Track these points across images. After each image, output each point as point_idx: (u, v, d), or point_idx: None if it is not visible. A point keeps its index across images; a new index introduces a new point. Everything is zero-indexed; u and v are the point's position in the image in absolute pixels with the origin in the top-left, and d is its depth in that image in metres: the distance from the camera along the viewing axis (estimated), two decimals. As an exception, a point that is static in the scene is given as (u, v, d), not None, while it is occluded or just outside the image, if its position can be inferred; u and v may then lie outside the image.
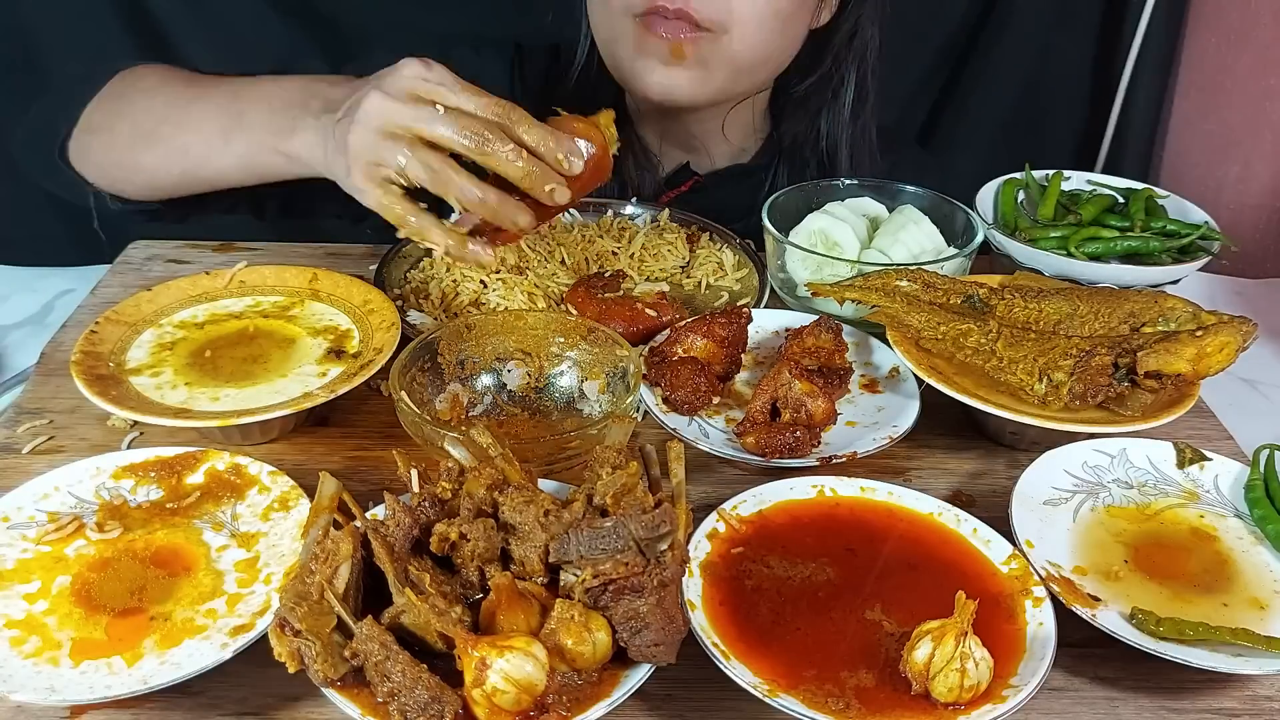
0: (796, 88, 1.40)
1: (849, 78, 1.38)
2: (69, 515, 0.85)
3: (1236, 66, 1.87)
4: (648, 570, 0.74)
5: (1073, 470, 0.94)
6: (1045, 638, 0.76)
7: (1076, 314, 1.05)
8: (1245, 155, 1.87)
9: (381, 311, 1.08)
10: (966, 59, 2.06)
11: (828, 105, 1.39)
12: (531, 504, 0.77)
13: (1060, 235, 1.21)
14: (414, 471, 0.81)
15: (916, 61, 2.07)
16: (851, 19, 1.35)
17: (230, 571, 0.82)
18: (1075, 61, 2.06)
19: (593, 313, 1.11)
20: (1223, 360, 0.96)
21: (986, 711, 0.71)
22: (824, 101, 1.39)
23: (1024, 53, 2.03)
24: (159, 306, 1.09)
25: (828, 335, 1.05)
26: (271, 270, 1.16)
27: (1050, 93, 2.08)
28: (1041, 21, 2.00)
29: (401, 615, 0.72)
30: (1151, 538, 0.89)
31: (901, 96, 2.09)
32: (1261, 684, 0.81)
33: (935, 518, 0.87)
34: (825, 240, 1.20)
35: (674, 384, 1.00)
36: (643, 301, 1.13)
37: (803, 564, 0.83)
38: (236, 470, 0.91)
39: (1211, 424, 1.09)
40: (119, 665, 0.74)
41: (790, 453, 0.94)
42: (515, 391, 1.05)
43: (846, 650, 0.76)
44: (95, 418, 1.02)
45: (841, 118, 1.39)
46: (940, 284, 1.09)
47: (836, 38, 1.36)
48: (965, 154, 2.08)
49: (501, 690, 0.67)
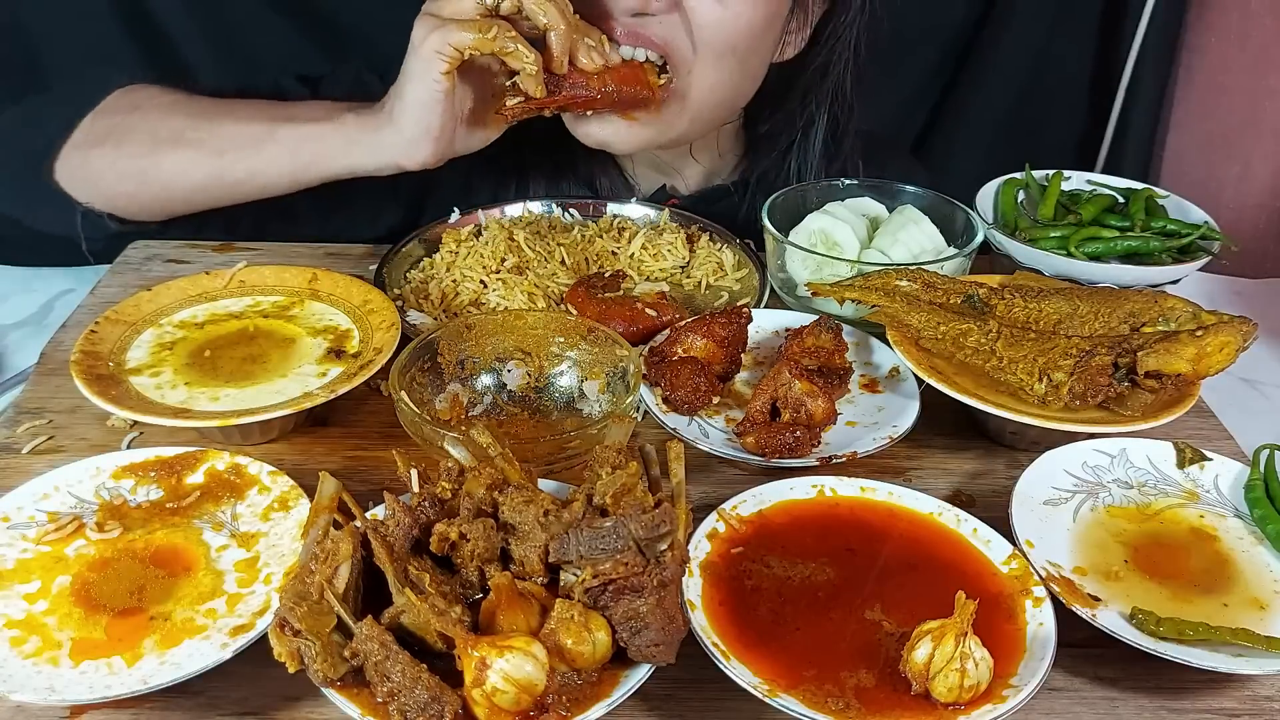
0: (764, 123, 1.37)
1: (819, 117, 1.35)
2: (69, 515, 0.85)
3: (1236, 66, 1.87)
4: (648, 570, 0.74)
5: (1073, 470, 0.94)
6: (1045, 638, 0.76)
7: (1076, 314, 1.05)
8: (1245, 155, 1.87)
9: (381, 311, 1.08)
10: (967, 59, 2.06)
11: (797, 144, 1.36)
12: (531, 504, 0.77)
13: (1060, 235, 1.21)
14: (414, 471, 0.81)
15: (917, 62, 2.06)
16: (822, 56, 1.32)
17: (230, 571, 0.82)
18: (1075, 61, 2.06)
19: (593, 313, 1.11)
20: (1223, 360, 0.96)
21: (986, 711, 0.71)
22: (793, 138, 1.36)
23: (1024, 53, 2.03)
24: (159, 306, 1.09)
25: (828, 335, 1.05)
26: (271, 270, 1.16)
27: (1050, 93, 2.08)
28: (1041, 22, 2.00)
29: (401, 615, 0.72)
30: (1151, 538, 0.89)
31: (902, 97, 2.09)
32: (1261, 684, 0.81)
33: (935, 518, 0.87)
34: (825, 240, 1.20)
35: (674, 384, 1.00)
36: (643, 301, 1.13)
37: (802, 564, 0.83)
38: (236, 470, 0.91)
39: (1211, 424, 1.09)
40: (119, 665, 0.74)
41: (790, 453, 0.94)
42: (515, 391, 1.05)
43: (846, 650, 0.76)
44: (95, 418, 1.02)
45: (811, 155, 1.36)
46: (940, 284, 1.09)
47: (806, 74, 1.33)
48: (965, 154, 2.08)
49: (501, 690, 0.67)
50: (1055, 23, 2.01)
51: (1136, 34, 1.93)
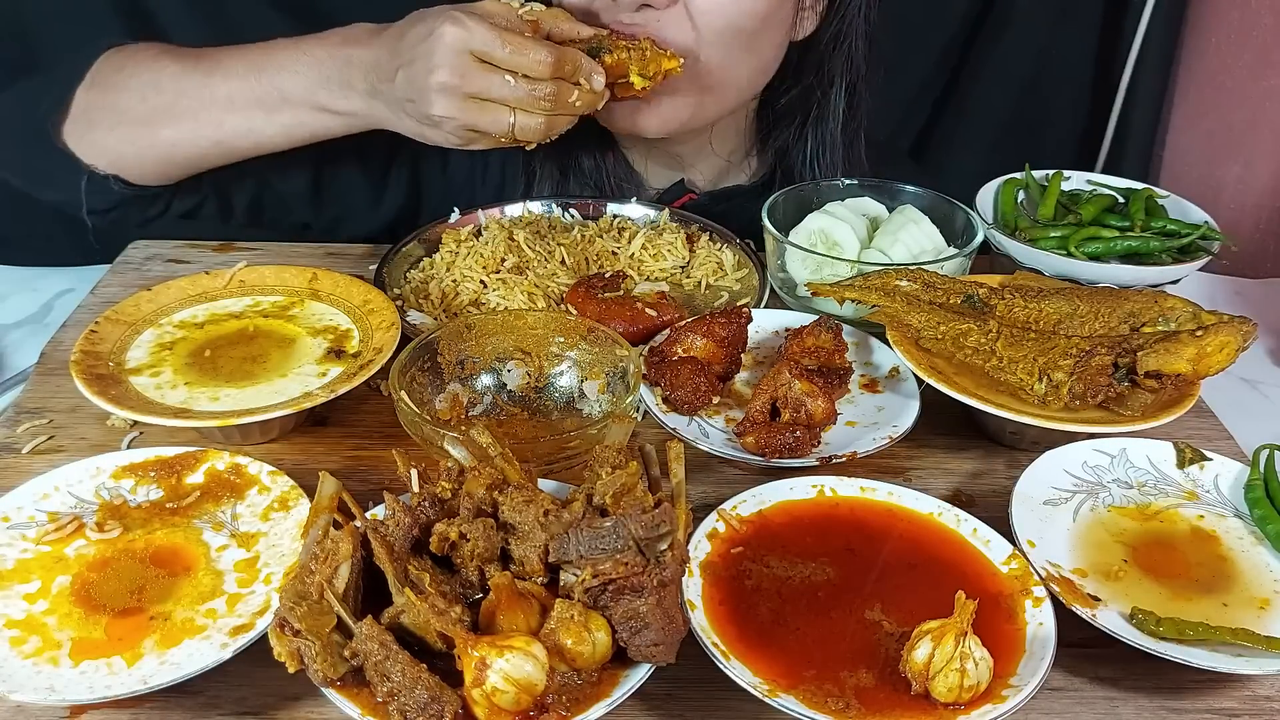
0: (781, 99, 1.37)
1: (837, 90, 1.35)
2: (69, 515, 0.85)
3: (1236, 66, 1.87)
4: (648, 570, 0.74)
5: (1073, 470, 0.94)
6: (1045, 638, 0.76)
7: (1076, 314, 1.05)
8: (1245, 155, 1.87)
9: (381, 311, 1.08)
10: (967, 59, 2.06)
11: (815, 117, 1.37)
12: (531, 504, 0.77)
13: (1060, 235, 1.21)
14: (414, 471, 0.81)
15: (917, 61, 2.06)
16: (836, 28, 1.32)
17: (230, 571, 0.82)
18: (1075, 61, 2.06)
19: (593, 313, 1.11)
20: (1223, 360, 0.96)
21: (986, 711, 0.71)
22: (809, 113, 1.37)
23: (1024, 52, 2.03)
24: (159, 306, 1.09)
25: (828, 335, 1.05)
26: (271, 270, 1.16)
27: (1050, 93, 2.08)
28: (1041, 21, 2.00)
29: (401, 615, 0.72)
30: (1151, 537, 0.89)
31: (902, 97, 2.08)
32: (1261, 684, 0.81)
33: (935, 518, 0.87)
34: (825, 240, 1.20)
35: (674, 384, 1.00)
36: (643, 301, 1.13)
37: (802, 564, 0.83)
38: (236, 470, 0.91)
39: (1211, 424, 1.09)
40: (119, 665, 0.74)
41: (790, 453, 0.94)
42: (515, 391, 1.05)
43: (846, 650, 0.76)
44: (95, 417, 1.02)
45: (830, 130, 1.37)
46: (940, 284, 1.09)
47: (820, 47, 1.33)
48: (965, 154, 2.08)
49: (501, 690, 0.67)
50: (1056, 22, 2.01)
51: (1136, 34, 1.93)
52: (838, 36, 1.33)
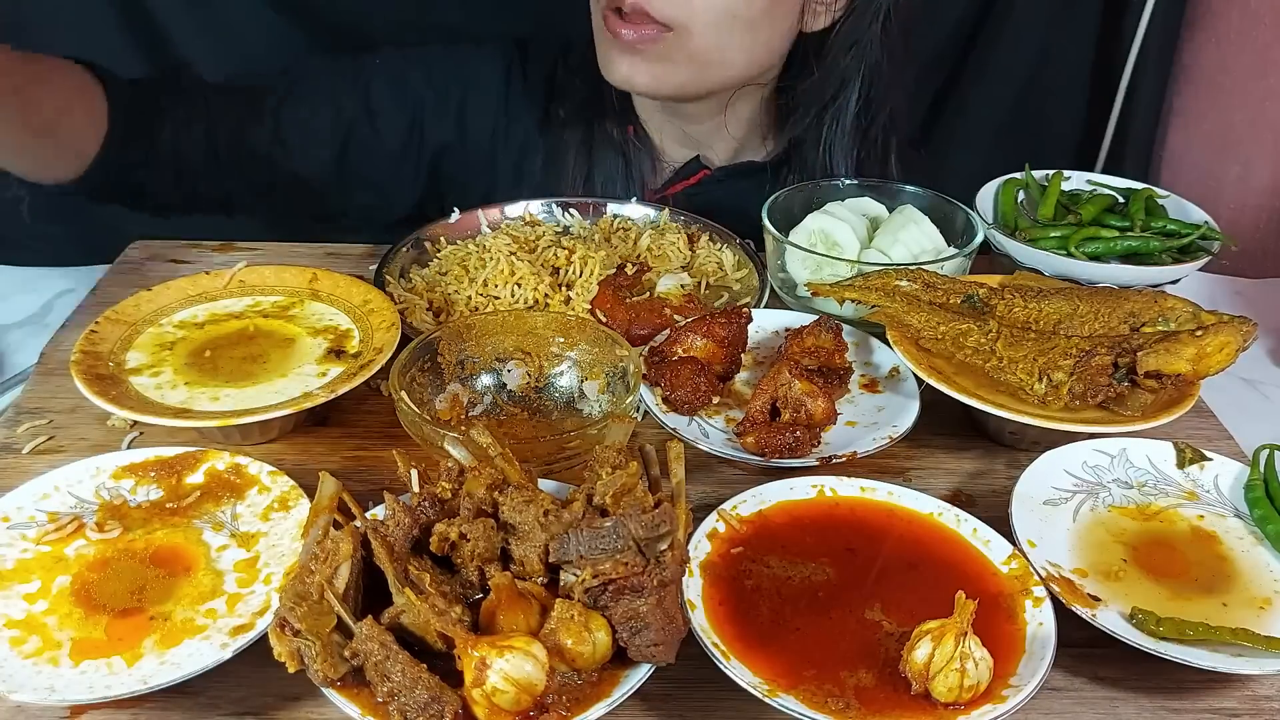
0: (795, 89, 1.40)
1: (851, 85, 1.37)
2: (69, 515, 0.85)
3: (1236, 66, 1.86)
4: (648, 570, 0.74)
5: (1073, 470, 0.94)
6: (1045, 638, 0.76)
7: (1076, 314, 1.05)
8: (1245, 155, 1.87)
9: (381, 311, 1.08)
10: (966, 58, 2.06)
11: (830, 110, 1.39)
12: (531, 504, 0.77)
13: (1060, 235, 1.21)
14: (414, 471, 0.81)
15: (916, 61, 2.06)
16: (852, 24, 1.34)
17: (230, 571, 0.82)
18: (1075, 61, 2.06)
19: (622, 317, 1.11)
20: (1223, 360, 0.96)
21: (986, 711, 0.71)
22: (822, 105, 1.38)
23: (1024, 52, 2.02)
24: (159, 306, 1.09)
25: (828, 335, 1.05)
26: (271, 270, 1.16)
27: (1050, 92, 2.07)
28: (1041, 21, 2.00)
29: (401, 615, 0.72)
30: (1151, 537, 0.89)
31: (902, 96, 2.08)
32: (1261, 684, 0.81)
33: (935, 518, 0.87)
34: (825, 240, 1.20)
35: (674, 384, 1.00)
36: (671, 306, 1.14)
37: (802, 564, 0.83)
38: (236, 470, 0.91)
39: (1211, 424, 1.09)
40: (119, 665, 0.74)
41: (790, 453, 0.94)
42: (515, 391, 1.05)
43: (846, 650, 0.76)
44: (95, 418, 1.02)
45: (842, 124, 1.39)
46: (940, 284, 1.09)
47: (834, 44, 1.35)
48: (965, 154, 2.08)
49: (501, 690, 0.67)
50: (1055, 22, 2.01)
51: (1136, 34, 1.93)
52: (854, 32, 1.34)
